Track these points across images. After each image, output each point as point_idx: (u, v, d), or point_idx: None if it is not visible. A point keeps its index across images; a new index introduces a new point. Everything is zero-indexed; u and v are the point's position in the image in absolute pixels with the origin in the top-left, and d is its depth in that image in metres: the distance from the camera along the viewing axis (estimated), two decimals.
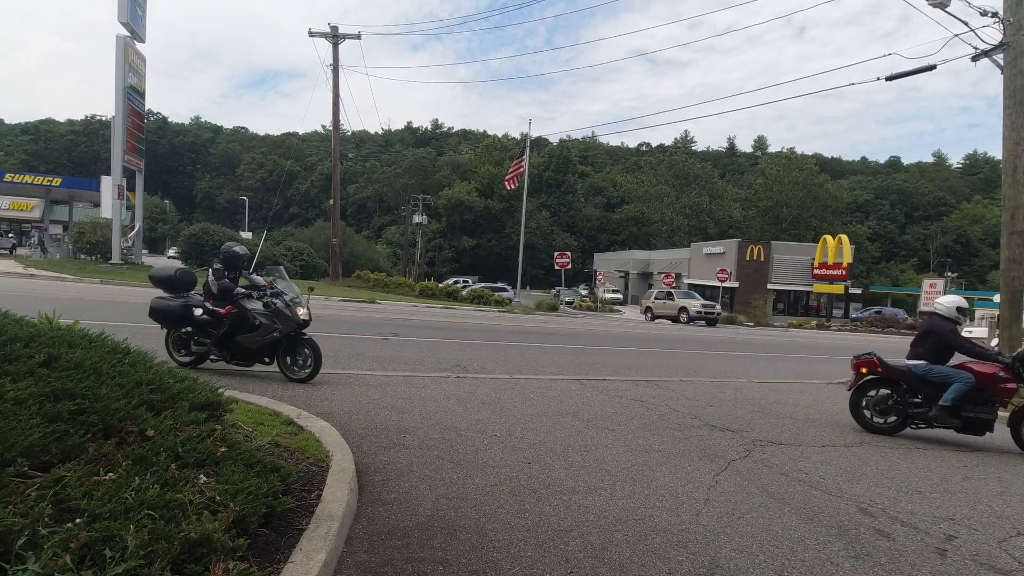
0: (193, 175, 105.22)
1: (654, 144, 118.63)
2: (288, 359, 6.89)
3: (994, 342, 11.26)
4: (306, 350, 6.86)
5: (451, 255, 76.68)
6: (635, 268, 58.88)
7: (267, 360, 6.90)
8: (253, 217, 70.80)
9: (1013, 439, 6.53)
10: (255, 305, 6.85)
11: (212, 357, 6.95)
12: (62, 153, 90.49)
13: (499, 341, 13.14)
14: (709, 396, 8.25)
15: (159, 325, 7.02)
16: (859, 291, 46.67)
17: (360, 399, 6.19)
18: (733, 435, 6.04)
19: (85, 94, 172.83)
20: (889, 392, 6.84)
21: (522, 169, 29.68)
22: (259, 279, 7.35)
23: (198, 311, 6.86)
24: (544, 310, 28.39)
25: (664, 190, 69.09)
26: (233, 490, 2.70)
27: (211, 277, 6.95)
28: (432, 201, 68.29)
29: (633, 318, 31.52)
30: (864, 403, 6.99)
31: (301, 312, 6.83)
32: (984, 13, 9.97)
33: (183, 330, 7.00)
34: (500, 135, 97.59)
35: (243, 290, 6.98)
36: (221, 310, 6.81)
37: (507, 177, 29.91)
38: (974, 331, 26.68)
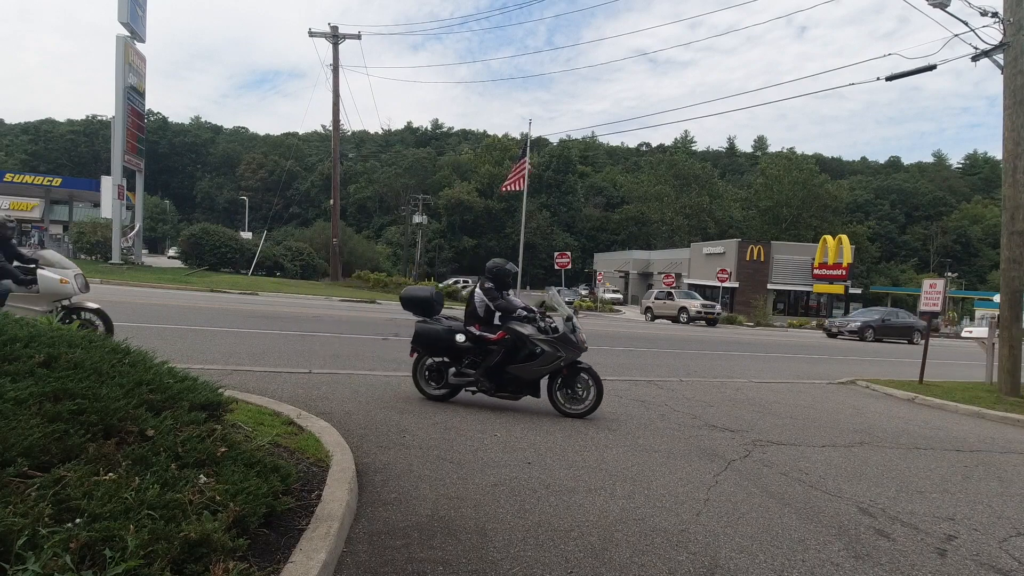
0: (193, 175, 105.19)
1: (654, 144, 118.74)
2: (566, 390, 6.21)
3: (994, 342, 11.25)
4: (586, 379, 6.20)
5: (451, 255, 76.69)
6: (635, 268, 58.89)
7: (535, 393, 6.23)
8: (253, 217, 70.80)
9: None
10: (530, 330, 6.15)
11: (470, 389, 6.30)
12: (62, 153, 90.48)
13: None
14: (709, 396, 8.25)
15: (413, 351, 6.40)
16: (859, 291, 46.66)
17: (360, 399, 6.19)
18: (733, 435, 6.04)
19: (85, 94, 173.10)
20: None
21: (523, 173, 29.56)
22: (518, 300, 6.54)
23: (460, 337, 6.20)
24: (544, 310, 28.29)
25: (664, 190, 69.09)
26: (233, 490, 2.70)
27: (482, 298, 6.24)
28: (432, 201, 68.30)
29: (633, 318, 31.51)
30: None
31: (583, 337, 6.23)
32: (984, 13, 9.97)
33: (436, 359, 6.34)
34: (500, 135, 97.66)
35: (525, 312, 6.27)
36: (491, 335, 6.14)
37: (506, 184, 29.74)
38: (974, 331, 26.70)
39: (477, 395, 6.50)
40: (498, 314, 6.32)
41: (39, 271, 6.89)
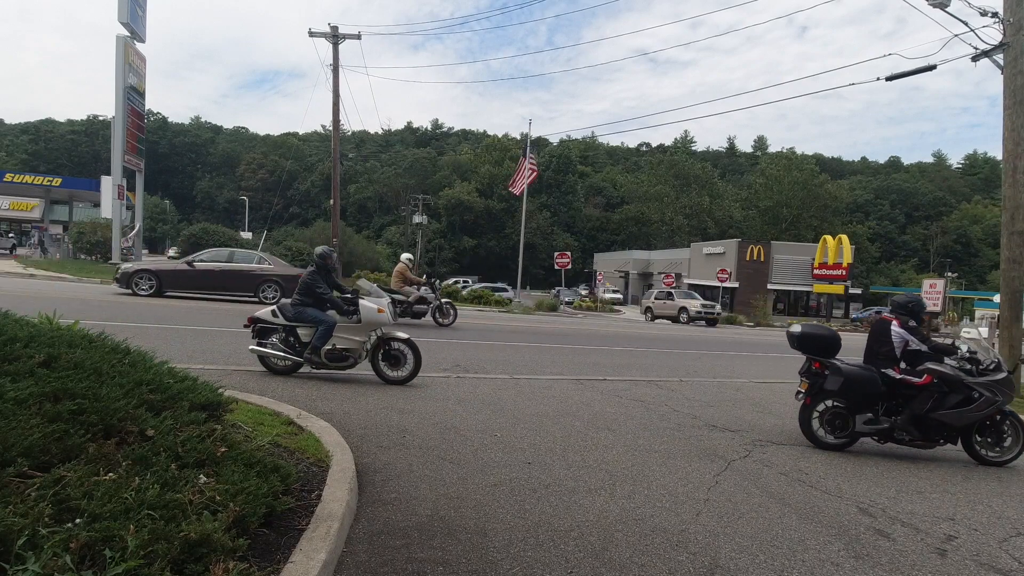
0: (193, 175, 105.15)
1: (654, 144, 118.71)
2: (987, 437, 5.74)
3: (994, 342, 11.26)
4: (1012, 424, 5.69)
5: (451, 255, 76.70)
6: (635, 268, 58.89)
7: (953, 441, 5.69)
8: (253, 217, 70.77)
9: None
10: (958, 372, 5.58)
11: (873, 437, 5.81)
12: (62, 153, 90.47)
13: (499, 341, 13.13)
14: (709, 396, 8.25)
15: (814, 397, 5.82)
16: (859, 291, 46.72)
17: (360, 399, 6.19)
18: (733, 435, 6.04)
19: (85, 94, 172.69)
20: None
21: (533, 174, 29.32)
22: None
23: None
24: (544, 310, 28.37)
25: (664, 190, 69.13)
26: (233, 490, 2.70)
27: (904, 337, 5.72)
28: (432, 201, 68.37)
29: (633, 318, 31.51)
30: None
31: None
32: (984, 13, 9.99)
33: (834, 403, 5.78)
34: (500, 135, 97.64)
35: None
36: (916, 379, 5.61)
37: (518, 188, 29.47)
38: (974, 331, 26.66)
39: (475, 392, 6.47)
40: (903, 354, 5.82)
41: (361, 301, 6.97)
